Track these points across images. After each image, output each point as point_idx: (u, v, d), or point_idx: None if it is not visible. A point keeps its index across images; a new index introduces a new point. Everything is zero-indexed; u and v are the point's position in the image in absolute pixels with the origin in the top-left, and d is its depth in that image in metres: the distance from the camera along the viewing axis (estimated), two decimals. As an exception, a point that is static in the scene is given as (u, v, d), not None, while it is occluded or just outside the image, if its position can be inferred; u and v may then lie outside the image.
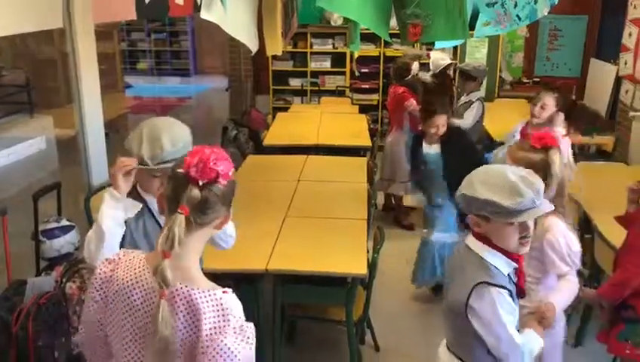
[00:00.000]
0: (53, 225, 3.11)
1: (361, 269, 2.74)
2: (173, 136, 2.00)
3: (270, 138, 5.15)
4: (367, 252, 3.05)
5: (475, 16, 3.65)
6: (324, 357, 3.31)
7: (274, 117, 6.24)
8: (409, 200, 5.24)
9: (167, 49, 14.03)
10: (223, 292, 1.39)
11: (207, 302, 1.35)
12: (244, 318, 1.39)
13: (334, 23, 7.37)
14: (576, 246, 2.22)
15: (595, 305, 2.65)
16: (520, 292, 1.85)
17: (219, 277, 2.69)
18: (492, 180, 1.72)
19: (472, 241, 1.83)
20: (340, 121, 5.85)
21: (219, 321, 1.34)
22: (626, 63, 6.46)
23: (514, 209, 1.66)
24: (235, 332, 1.34)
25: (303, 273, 2.80)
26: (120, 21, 7.78)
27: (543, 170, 2.12)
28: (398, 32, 3.89)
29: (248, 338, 1.35)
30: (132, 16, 3.48)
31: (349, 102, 7.07)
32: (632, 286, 2.46)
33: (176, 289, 1.35)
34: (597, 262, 3.19)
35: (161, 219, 2.09)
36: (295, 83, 7.86)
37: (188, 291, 1.36)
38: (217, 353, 1.30)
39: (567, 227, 2.23)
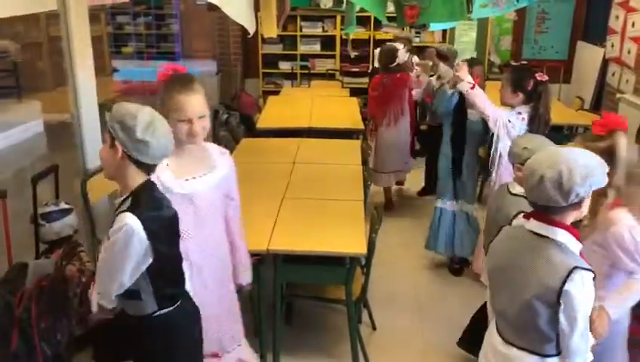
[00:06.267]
0: (52, 208, 3.11)
1: (361, 249, 2.77)
2: None
3: (263, 121, 5.15)
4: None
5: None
6: (323, 337, 3.35)
7: (264, 100, 6.23)
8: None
9: (154, 32, 13.86)
10: None
11: None
12: None
13: (324, 6, 7.36)
14: None
15: None
16: None
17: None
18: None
19: (535, 225, 1.80)
20: (331, 104, 5.86)
21: None
22: (612, 46, 6.53)
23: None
24: None
25: (304, 253, 2.83)
26: (108, 3, 7.67)
27: (609, 155, 2.03)
28: (393, 14, 3.88)
29: None
30: (125, -2, 3.45)
31: (339, 86, 7.08)
32: None
33: None
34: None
35: None
36: (285, 66, 7.84)
37: None
38: None
39: (636, 222, 2.13)
